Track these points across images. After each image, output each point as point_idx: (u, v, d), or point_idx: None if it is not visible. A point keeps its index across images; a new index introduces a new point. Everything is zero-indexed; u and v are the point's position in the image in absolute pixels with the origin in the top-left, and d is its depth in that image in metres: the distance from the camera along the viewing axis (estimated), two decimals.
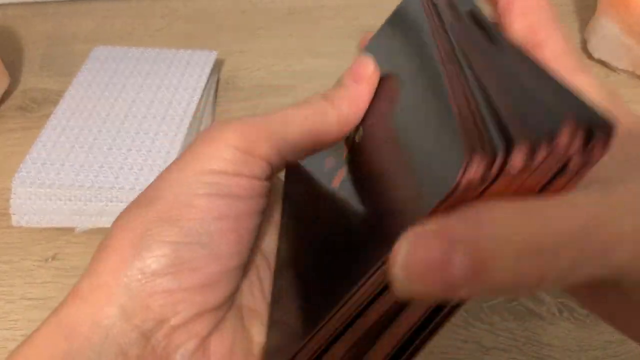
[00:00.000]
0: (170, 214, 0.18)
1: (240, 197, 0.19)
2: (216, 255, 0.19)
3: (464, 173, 0.14)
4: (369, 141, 0.21)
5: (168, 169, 0.20)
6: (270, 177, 0.21)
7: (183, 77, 0.51)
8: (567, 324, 0.37)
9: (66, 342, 0.18)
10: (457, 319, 0.38)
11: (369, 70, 0.22)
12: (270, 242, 0.24)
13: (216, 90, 0.55)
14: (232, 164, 0.19)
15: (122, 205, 0.42)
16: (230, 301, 0.20)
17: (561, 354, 0.36)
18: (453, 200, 0.14)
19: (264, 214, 0.22)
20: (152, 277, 0.18)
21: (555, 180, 0.14)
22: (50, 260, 0.43)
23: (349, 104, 0.21)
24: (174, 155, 0.44)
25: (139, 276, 0.18)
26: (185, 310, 0.18)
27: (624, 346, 0.36)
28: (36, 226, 0.43)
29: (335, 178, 0.22)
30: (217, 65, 0.57)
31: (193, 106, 0.48)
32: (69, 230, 0.44)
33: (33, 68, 0.58)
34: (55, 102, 0.51)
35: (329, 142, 0.21)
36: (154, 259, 0.18)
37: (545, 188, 0.15)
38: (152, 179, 0.41)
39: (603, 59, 0.54)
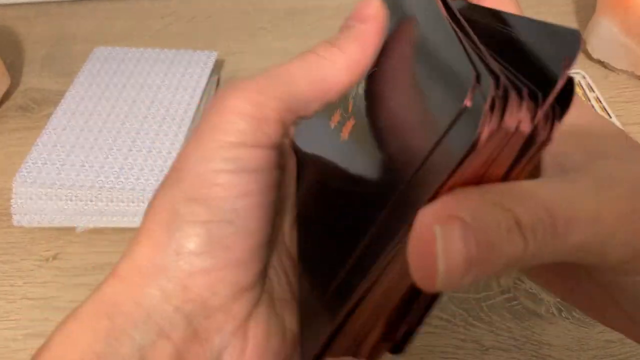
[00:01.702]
0: (196, 194, 0.18)
1: (260, 170, 0.19)
2: (245, 232, 0.19)
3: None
4: (375, 87, 0.21)
5: (187, 145, 0.19)
6: (288, 136, 0.20)
7: (183, 78, 0.51)
8: (566, 323, 0.37)
9: (108, 319, 0.18)
10: (456, 318, 0.38)
11: (375, 8, 0.21)
12: (288, 221, 0.24)
13: (216, 91, 0.55)
14: (247, 134, 0.19)
15: (123, 205, 0.42)
16: (262, 282, 0.20)
17: (560, 353, 0.36)
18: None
19: (281, 188, 0.22)
20: (188, 257, 0.18)
21: (527, 151, 0.16)
22: (51, 260, 0.43)
23: (358, 46, 0.20)
24: (174, 156, 0.44)
25: (175, 257, 0.18)
26: (223, 290, 0.18)
27: (623, 346, 0.36)
28: (37, 226, 0.44)
29: (343, 131, 0.22)
30: (217, 66, 0.57)
31: (193, 107, 0.48)
32: (70, 230, 0.44)
33: (34, 68, 0.59)
34: (56, 103, 0.51)
35: (341, 89, 0.20)
36: (187, 239, 0.18)
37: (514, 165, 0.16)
38: (152, 180, 0.42)
39: (602, 59, 0.54)
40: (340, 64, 0.20)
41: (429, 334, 0.37)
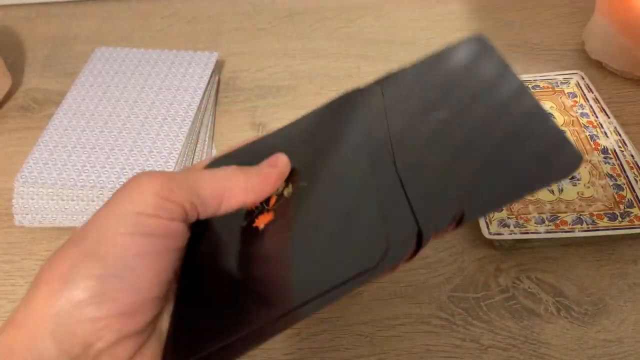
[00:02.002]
0: (94, 251, 0.21)
1: (159, 235, 0.22)
2: (135, 288, 0.22)
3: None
4: (301, 199, 0.26)
5: (96, 212, 0.23)
6: (186, 221, 0.24)
7: (184, 78, 0.51)
8: (564, 322, 0.37)
9: None
10: (455, 318, 0.38)
11: (282, 161, 0.27)
12: None
13: (217, 91, 0.55)
14: (151, 207, 0.22)
15: None
16: (151, 327, 0.23)
17: (559, 353, 0.36)
18: None
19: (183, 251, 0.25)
20: (78, 306, 0.20)
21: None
22: None
23: (258, 180, 0.26)
24: (175, 156, 0.44)
25: (67, 305, 0.20)
26: (108, 335, 0.21)
27: (621, 345, 0.36)
28: (38, 226, 0.44)
29: (258, 219, 0.27)
30: (218, 66, 0.57)
31: (194, 107, 0.48)
32: (71, 230, 0.44)
33: (35, 68, 0.59)
34: (57, 103, 0.51)
35: (234, 205, 0.25)
36: (79, 290, 0.21)
37: None
38: None
39: (600, 60, 0.54)
40: (240, 185, 0.25)
41: (428, 333, 0.37)
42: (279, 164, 0.27)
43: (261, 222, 0.27)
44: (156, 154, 0.44)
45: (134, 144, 0.45)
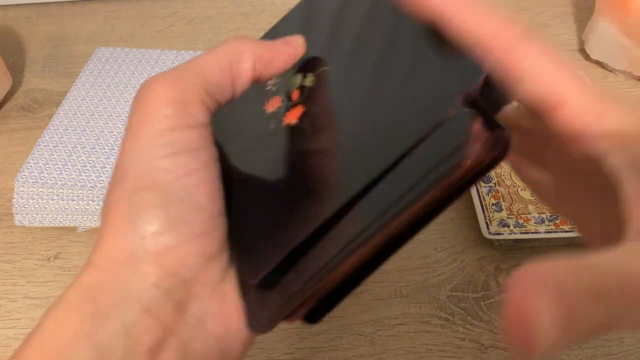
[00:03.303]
0: (144, 183, 0.20)
1: (196, 148, 0.20)
2: (198, 206, 0.20)
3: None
4: (331, 82, 0.23)
5: (123, 142, 0.21)
6: (211, 115, 0.22)
7: None
8: None
9: (92, 303, 0.19)
10: (455, 317, 0.38)
11: (297, 40, 0.24)
12: None
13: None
14: (175, 118, 0.20)
15: None
16: (227, 247, 0.22)
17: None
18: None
19: None
20: (153, 239, 0.19)
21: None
22: (52, 259, 0.43)
23: (266, 48, 0.23)
24: None
25: (141, 241, 0.19)
26: (192, 261, 0.20)
27: (620, 344, 0.36)
28: (38, 226, 0.44)
29: (286, 117, 0.24)
30: None
31: None
32: (71, 229, 0.44)
33: (35, 69, 0.59)
34: (57, 103, 0.51)
35: (246, 78, 0.23)
36: (147, 223, 0.19)
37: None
38: None
39: (601, 60, 0.54)
40: (248, 54, 0.22)
41: (428, 333, 0.37)
42: (293, 43, 0.24)
43: (291, 117, 0.24)
44: None
45: None
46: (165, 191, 0.20)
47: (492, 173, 0.44)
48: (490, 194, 0.43)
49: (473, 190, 0.43)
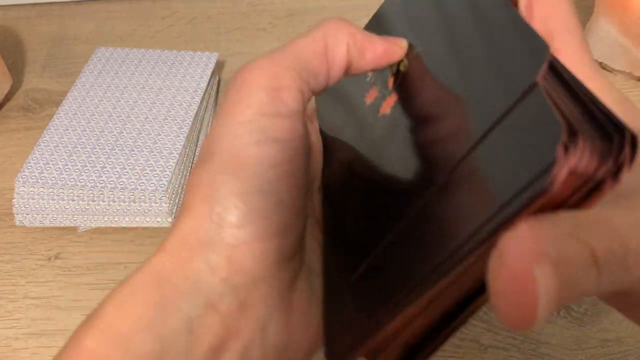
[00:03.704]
0: (229, 168, 0.19)
1: (286, 140, 0.20)
2: (280, 202, 0.19)
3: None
4: (425, 67, 0.21)
5: (215, 123, 0.20)
6: (304, 107, 0.21)
7: (184, 79, 0.51)
8: (564, 322, 0.37)
9: (158, 291, 0.18)
10: None
11: (400, 42, 0.23)
12: (317, 195, 0.24)
13: (217, 92, 0.55)
14: (268, 104, 0.19)
15: (124, 205, 0.42)
16: (300, 252, 0.21)
17: (559, 352, 0.36)
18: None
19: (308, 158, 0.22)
20: (230, 230, 0.18)
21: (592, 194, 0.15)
22: (53, 259, 0.43)
23: (362, 37, 0.22)
24: (175, 156, 0.44)
25: (218, 230, 0.18)
26: (267, 260, 0.19)
27: (620, 344, 0.36)
28: (39, 226, 0.44)
29: (383, 106, 0.23)
30: (218, 67, 0.57)
31: (194, 107, 0.49)
32: (72, 229, 0.44)
33: (35, 69, 0.59)
34: (57, 103, 0.51)
35: (340, 65, 0.21)
36: (227, 212, 0.18)
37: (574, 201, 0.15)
38: (153, 179, 0.42)
39: (600, 60, 0.54)
40: (341, 38, 0.21)
41: None
42: (394, 42, 0.22)
43: (386, 107, 0.22)
44: (156, 154, 0.44)
45: (134, 144, 0.45)
46: (249, 180, 0.19)
47: None
48: None
49: None
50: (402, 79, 0.23)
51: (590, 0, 0.59)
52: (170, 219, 0.43)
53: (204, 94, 0.51)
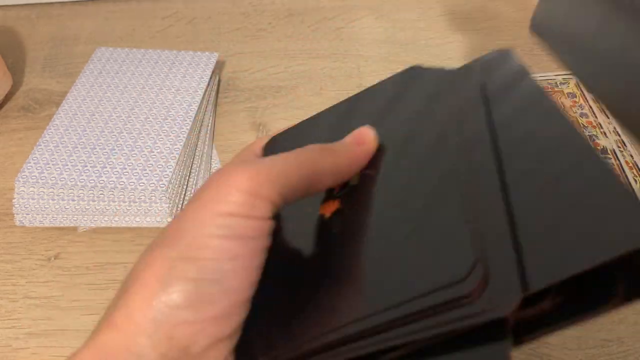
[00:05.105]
0: (189, 254, 0.21)
1: (250, 237, 0.22)
2: (229, 291, 0.21)
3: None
4: (368, 188, 0.24)
5: (185, 210, 0.22)
6: (274, 214, 0.24)
7: (184, 79, 0.51)
8: None
9: None
10: None
11: (370, 137, 0.25)
12: None
13: (217, 92, 0.55)
14: (241, 206, 0.22)
15: (124, 205, 0.42)
16: (241, 330, 0.23)
17: (559, 352, 0.36)
18: None
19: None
20: (176, 310, 0.20)
21: None
22: (52, 259, 0.43)
23: (347, 160, 0.24)
24: (175, 156, 0.44)
25: (165, 309, 0.20)
26: (203, 339, 0.21)
27: (620, 344, 0.36)
28: (39, 226, 0.44)
29: (323, 206, 0.25)
30: (218, 67, 0.57)
31: (194, 107, 0.49)
32: (72, 229, 0.44)
33: (36, 69, 0.59)
34: (57, 103, 0.51)
35: (321, 189, 0.24)
36: (177, 293, 0.20)
37: None
38: (153, 180, 0.42)
39: None
40: (329, 170, 0.24)
41: None
42: (367, 140, 0.25)
43: (327, 210, 0.25)
44: (156, 154, 0.44)
45: (134, 144, 0.45)
46: (204, 269, 0.21)
47: None
48: None
49: None
50: (349, 191, 0.25)
51: None
52: (170, 219, 0.43)
53: (204, 94, 0.51)
